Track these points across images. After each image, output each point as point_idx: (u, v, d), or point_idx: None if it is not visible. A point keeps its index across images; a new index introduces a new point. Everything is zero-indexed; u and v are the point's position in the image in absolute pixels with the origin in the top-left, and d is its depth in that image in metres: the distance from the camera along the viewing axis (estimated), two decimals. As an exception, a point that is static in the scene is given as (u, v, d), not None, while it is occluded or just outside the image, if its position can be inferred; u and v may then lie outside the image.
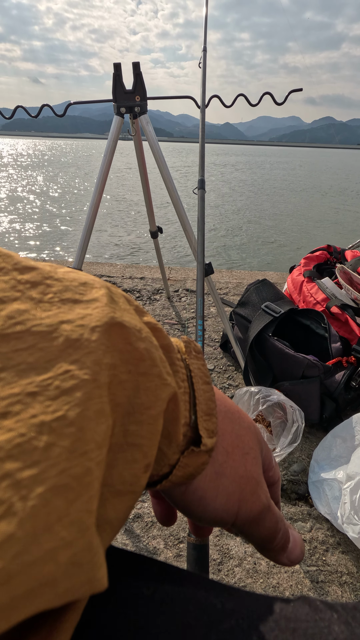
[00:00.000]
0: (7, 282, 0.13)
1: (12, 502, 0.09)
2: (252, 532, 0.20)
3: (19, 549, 0.09)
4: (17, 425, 0.10)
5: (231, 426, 0.20)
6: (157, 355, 0.15)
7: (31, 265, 0.14)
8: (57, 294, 0.14)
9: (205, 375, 0.19)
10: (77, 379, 0.12)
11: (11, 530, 0.09)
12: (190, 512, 0.19)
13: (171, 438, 0.16)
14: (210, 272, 0.98)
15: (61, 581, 0.09)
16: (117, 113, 0.97)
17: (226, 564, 0.71)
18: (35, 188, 11.24)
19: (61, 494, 0.10)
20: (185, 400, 0.17)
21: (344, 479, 0.74)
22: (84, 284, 0.15)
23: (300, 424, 0.85)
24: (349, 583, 0.69)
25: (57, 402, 0.11)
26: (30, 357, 0.12)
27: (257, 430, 0.22)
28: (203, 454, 0.18)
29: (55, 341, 0.12)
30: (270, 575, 0.70)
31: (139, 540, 0.75)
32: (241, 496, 0.19)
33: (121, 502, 0.13)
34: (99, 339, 0.13)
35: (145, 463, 0.14)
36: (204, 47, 1.08)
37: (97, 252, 4.95)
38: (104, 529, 0.13)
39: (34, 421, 0.10)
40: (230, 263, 4.79)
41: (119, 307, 0.15)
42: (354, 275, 1.18)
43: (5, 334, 0.12)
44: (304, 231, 6.68)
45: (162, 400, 0.15)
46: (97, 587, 0.11)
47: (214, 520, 0.19)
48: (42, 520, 0.09)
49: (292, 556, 0.21)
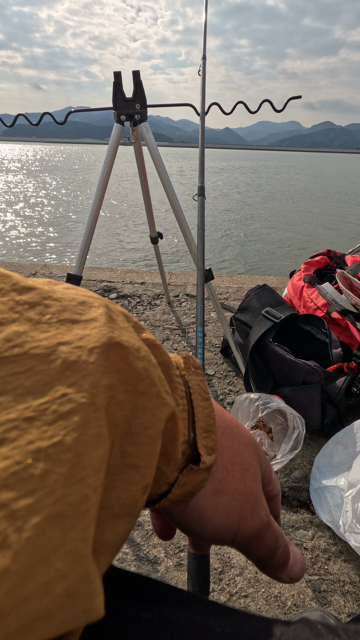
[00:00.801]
0: (6, 303, 0.13)
1: (6, 534, 0.09)
2: (251, 549, 0.20)
3: (14, 584, 0.09)
4: (13, 452, 0.10)
5: (230, 442, 0.20)
6: (155, 374, 0.15)
7: (29, 286, 0.14)
8: (55, 314, 0.14)
9: (205, 392, 0.19)
10: (75, 402, 0.12)
11: (6, 564, 0.09)
12: (189, 530, 0.19)
13: (170, 457, 0.16)
14: (210, 277, 0.98)
15: (56, 614, 0.09)
16: (118, 121, 0.98)
17: (227, 573, 0.70)
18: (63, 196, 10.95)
19: (57, 524, 0.10)
20: (184, 418, 0.17)
21: (345, 486, 0.74)
22: (82, 304, 0.15)
23: (301, 430, 0.85)
24: (352, 592, 0.68)
25: (54, 427, 0.11)
26: (27, 380, 0.12)
27: (257, 445, 0.22)
28: (202, 472, 0.17)
29: (52, 364, 0.12)
30: (272, 584, 0.69)
31: (139, 549, 0.74)
32: (241, 513, 0.19)
33: (119, 525, 0.13)
34: (97, 361, 0.13)
35: (143, 484, 0.14)
36: (204, 54, 1.09)
37: (116, 256, 4.95)
38: (101, 553, 0.12)
39: (31, 448, 0.10)
40: (249, 266, 4.78)
41: (117, 326, 0.15)
42: (354, 281, 1.18)
43: (3, 357, 0.12)
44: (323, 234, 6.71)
45: (160, 421, 0.15)
46: (93, 616, 0.10)
47: (214, 538, 0.19)
48: (37, 552, 0.09)
49: (292, 573, 0.21)
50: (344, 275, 1.20)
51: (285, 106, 1.04)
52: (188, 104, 1.08)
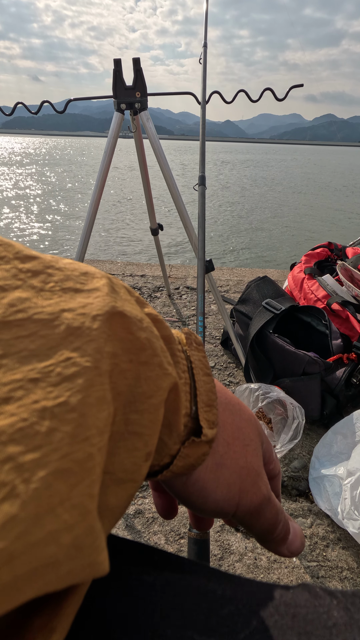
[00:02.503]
0: (9, 270, 0.13)
1: (14, 484, 0.09)
2: (252, 523, 0.20)
3: (22, 530, 0.09)
4: (19, 410, 0.10)
5: (231, 418, 0.20)
6: (158, 345, 0.15)
7: (32, 255, 0.14)
8: (58, 282, 0.14)
9: (206, 367, 0.19)
10: (79, 366, 0.12)
11: (14, 512, 0.09)
12: (191, 503, 0.19)
13: (172, 428, 0.17)
14: (210, 269, 0.98)
15: (63, 563, 0.10)
16: (118, 109, 0.97)
17: (227, 559, 0.71)
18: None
19: (63, 478, 0.10)
20: (186, 391, 0.17)
21: (344, 475, 0.74)
22: (85, 274, 0.15)
23: (300, 420, 0.85)
24: (350, 578, 0.69)
25: (58, 389, 0.11)
26: (31, 344, 0.12)
27: (258, 423, 0.22)
28: (204, 445, 0.18)
29: (56, 329, 0.12)
30: (271, 570, 0.70)
31: (140, 535, 0.75)
32: (242, 487, 0.19)
33: (122, 490, 0.13)
34: (100, 328, 0.13)
35: (146, 451, 0.14)
36: (205, 43, 1.07)
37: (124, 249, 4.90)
38: (105, 516, 0.13)
39: (36, 406, 0.10)
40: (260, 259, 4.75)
41: (120, 297, 0.15)
42: (355, 272, 1.18)
43: (6, 322, 0.12)
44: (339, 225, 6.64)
45: (163, 390, 0.15)
46: (99, 571, 0.11)
47: (215, 511, 0.19)
48: (44, 503, 0.09)
49: (292, 547, 0.21)
50: (345, 267, 1.20)
51: (287, 95, 1.03)
52: (189, 93, 1.07)
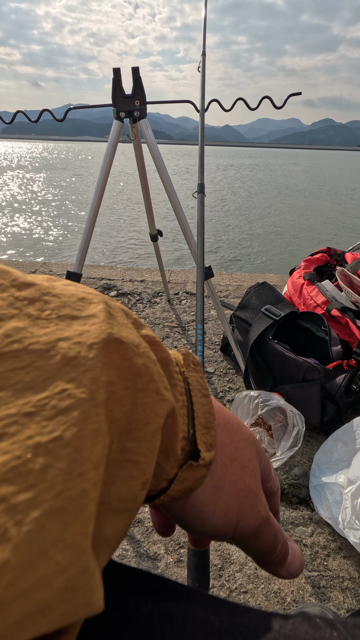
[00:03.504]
0: (5, 299, 0.13)
1: (6, 527, 0.09)
2: (251, 545, 0.20)
3: (14, 577, 0.09)
4: (12, 447, 0.10)
5: (230, 439, 0.20)
6: (155, 370, 0.15)
7: (29, 282, 0.14)
8: (54, 310, 0.14)
9: (204, 388, 0.19)
10: (74, 397, 0.12)
11: (5, 558, 0.09)
12: (188, 526, 0.19)
13: (169, 453, 0.16)
14: (210, 275, 0.98)
15: (56, 607, 0.09)
16: (117, 117, 0.97)
17: (227, 569, 0.71)
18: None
19: (57, 518, 0.10)
20: (183, 414, 0.17)
21: (345, 483, 0.74)
22: (82, 300, 0.15)
23: (300, 427, 0.85)
24: (351, 588, 0.68)
25: (53, 422, 0.11)
26: (27, 376, 0.12)
27: (256, 442, 0.22)
28: (201, 468, 0.17)
29: (52, 359, 0.12)
30: (272, 580, 0.69)
31: (139, 545, 0.75)
32: (240, 510, 0.19)
33: (118, 520, 0.13)
34: (96, 357, 0.13)
35: (143, 480, 0.14)
36: (203, 51, 1.08)
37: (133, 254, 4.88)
38: (101, 547, 0.13)
39: (30, 442, 0.10)
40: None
41: (116, 322, 0.15)
42: (354, 278, 1.18)
43: (2, 353, 0.12)
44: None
45: (159, 416, 0.15)
46: (93, 610, 0.11)
47: (213, 534, 0.19)
48: (37, 546, 0.09)
49: (291, 569, 0.21)
50: (344, 273, 1.20)
51: (285, 103, 1.04)
52: (188, 101, 1.07)
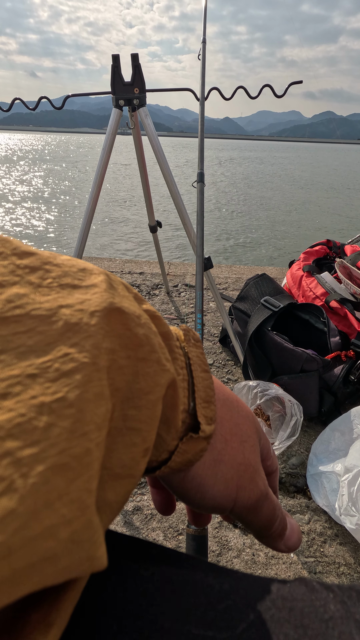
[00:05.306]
0: (6, 266, 0.13)
1: (12, 479, 0.09)
2: (250, 519, 0.20)
3: (20, 524, 0.09)
4: (17, 405, 0.10)
5: (229, 414, 0.20)
6: (156, 341, 0.15)
7: (30, 251, 0.14)
8: (56, 279, 0.14)
9: (204, 363, 0.19)
10: (77, 361, 0.12)
11: (12, 506, 0.09)
12: (189, 499, 0.19)
13: (170, 424, 0.17)
14: (209, 266, 0.97)
15: (61, 557, 0.10)
16: (116, 105, 0.96)
17: (225, 556, 0.72)
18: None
19: (61, 473, 0.10)
20: (184, 387, 0.17)
21: (342, 471, 0.75)
22: (82, 270, 0.15)
23: (298, 417, 0.86)
24: (347, 574, 0.69)
25: (56, 384, 0.11)
26: (29, 340, 0.12)
27: (255, 419, 0.22)
28: (201, 441, 0.18)
29: (54, 325, 0.12)
30: (269, 566, 0.70)
31: (138, 532, 0.75)
32: (239, 483, 0.19)
33: (120, 486, 0.13)
34: (98, 324, 0.13)
35: (144, 447, 0.14)
36: (203, 38, 1.07)
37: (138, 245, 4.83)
38: (103, 511, 0.13)
39: (34, 402, 0.11)
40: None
41: (117, 294, 0.15)
42: (354, 270, 1.18)
43: (4, 317, 0.12)
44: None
45: (161, 386, 0.15)
46: (97, 565, 0.11)
47: (213, 507, 0.19)
48: (42, 498, 0.09)
49: (290, 543, 0.22)
50: (343, 265, 1.20)
51: (286, 91, 1.03)
52: (188, 89, 1.06)
